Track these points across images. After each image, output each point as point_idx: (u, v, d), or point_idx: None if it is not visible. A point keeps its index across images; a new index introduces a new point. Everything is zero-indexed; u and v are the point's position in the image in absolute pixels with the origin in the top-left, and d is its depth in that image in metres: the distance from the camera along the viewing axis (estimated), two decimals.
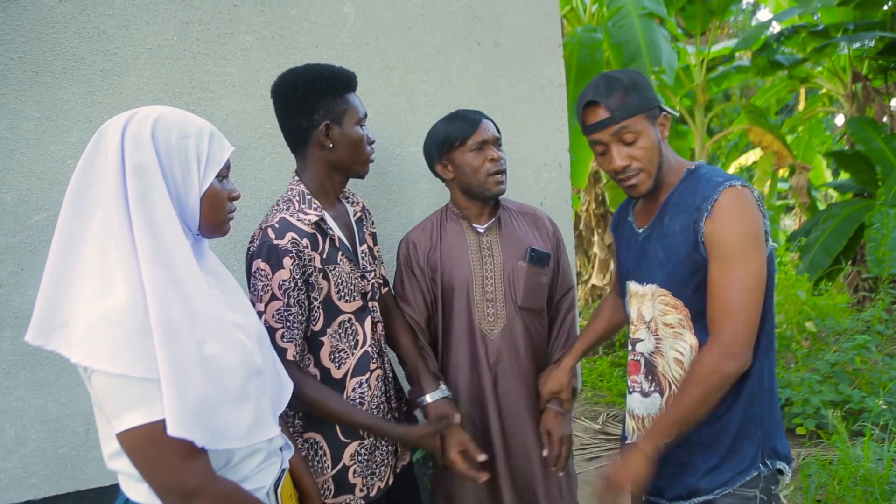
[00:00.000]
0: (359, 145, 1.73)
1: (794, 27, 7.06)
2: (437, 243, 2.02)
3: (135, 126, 1.14)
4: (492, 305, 1.97)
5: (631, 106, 1.52)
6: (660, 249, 1.56)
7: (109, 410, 1.07)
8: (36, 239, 2.06)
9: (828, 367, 4.20)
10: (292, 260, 1.58)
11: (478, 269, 1.98)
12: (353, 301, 1.72)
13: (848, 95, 7.80)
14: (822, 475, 3.23)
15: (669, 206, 1.57)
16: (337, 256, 1.70)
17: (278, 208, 1.68)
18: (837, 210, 6.55)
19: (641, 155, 1.54)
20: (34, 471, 2.11)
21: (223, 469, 1.20)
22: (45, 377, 2.10)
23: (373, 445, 1.74)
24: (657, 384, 1.60)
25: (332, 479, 1.68)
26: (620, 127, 1.53)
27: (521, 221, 2.07)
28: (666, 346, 1.57)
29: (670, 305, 1.55)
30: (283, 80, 1.71)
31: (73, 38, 2.09)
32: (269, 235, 1.59)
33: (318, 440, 1.68)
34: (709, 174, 1.53)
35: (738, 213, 1.44)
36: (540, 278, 2.01)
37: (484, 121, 1.96)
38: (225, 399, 1.15)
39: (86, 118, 2.11)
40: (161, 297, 1.08)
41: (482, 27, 2.74)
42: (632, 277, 1.67)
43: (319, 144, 1.70)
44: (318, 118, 1.68)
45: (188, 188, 1.19)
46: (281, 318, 1.58)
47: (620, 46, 5.19)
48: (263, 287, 1.57)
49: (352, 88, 1.75)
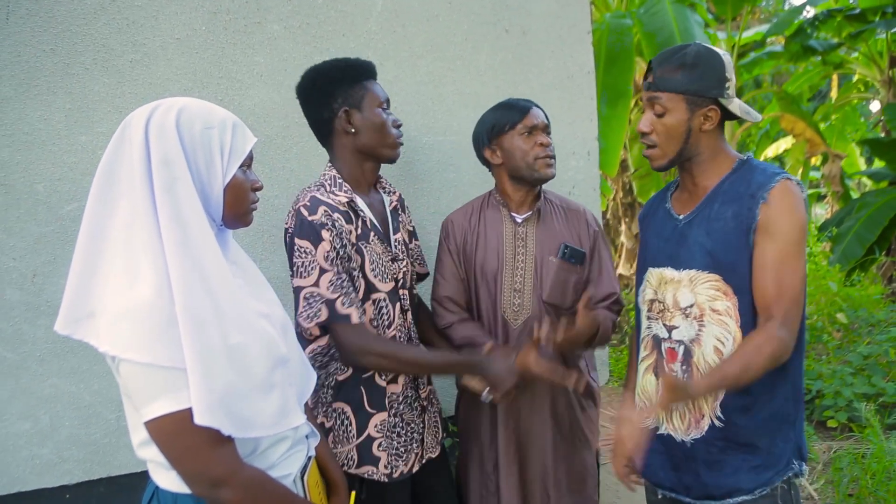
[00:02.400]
0: (382, 128, 1.75)
1: (829, 11, 6.89)
2: (475, 227, 2.03)
3: (159, 117, 1.14)
4: (518, 296, 1.97)
5: (673, 82, 1.51)
6: (704, 234, 1.54)
7: (137, 399, 1.09)
8: (68, 228, 2.09)
9: (860, 359, 4.12)
10: (329, 231, 1.62)
11: (510, 258, 1.98)
12: (386, 282, 1.75)
13: (884, 81, 7.60)
14: (854, 469, 3.17)
15: (720, 194, 1.55)
16: (369, 236, 1.73)
17: (309, 189, 1.72)
18: (871, 199, 6.41)
19: (661, 131, 1.55)
20: (68, 456, 2.14)
21: (250, 457, 1.21)
22: (77, 365, 2.13)
23: (398, 425, 1.76)
24: (688, 375, 1.57)
25: (355, 449, 1.72)
26: (653, 96, 1.55)
27: (562, 216, 2.03)
28: (707, 333, 1.54)
29: (721, 291, 1.52)
30: (303, 79, 1.77)
31: (102, 30, 2.10)
32: (302, 214, 1.63)
33: (346, 409, 1.73)
34: (762, 166, 1.55)
35: (794, 205, 1.46)
36: (570, 276, 1.96)
37: (534, 108, 1.96)
38: (251, 388, 1.16)
39: (116, 109, 2.12)
40: (187, 288, 1.09)
41: (510, 14, 2.70)
42: (665, 264, 1.63)
43: (343, 132, 1.73)
44: (337, 106, 1.72)
45: (212, 179, 1.20)
46: (336, 286, 1.62)
47: (654, 34, 5.10)
48: (310, 263, 1.61)
49: (370, 76, 1.77)
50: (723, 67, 1.51)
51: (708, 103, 1.52)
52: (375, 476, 1.74)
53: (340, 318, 1.61)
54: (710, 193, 1.57)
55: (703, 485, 1.55)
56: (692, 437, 1.56)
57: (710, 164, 1.58)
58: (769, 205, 1.46)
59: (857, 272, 6.60)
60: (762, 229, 1.46)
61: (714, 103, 1.52)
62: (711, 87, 1.51)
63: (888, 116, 6.70)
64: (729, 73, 1.52)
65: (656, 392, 1.64)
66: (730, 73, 1.53)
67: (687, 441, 1.57)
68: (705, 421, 1.54)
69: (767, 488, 1.51)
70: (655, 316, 1.65)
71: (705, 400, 1.54)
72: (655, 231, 1.71)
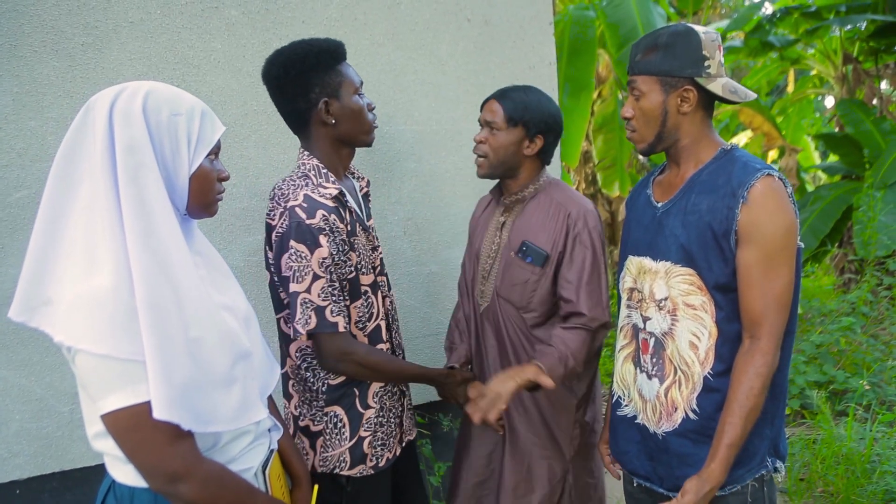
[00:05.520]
0: (360, 115, 1.73)
1: (787, 8, 7.03)
2: (484, 210, 2.10)
3: (124, 102, 1.11)
4: (484, 282, 1.99)
5: (647, 64, 1.51)
6: (679, 226, 1.51)
7: (93, 391, 1.06)
8: (16, 217, 2.02)
9: (813, 348, 4.24)
10: (327, 237, 1.59)
11: (487, 244, 2.00)
12: (367, 274, 1.74)
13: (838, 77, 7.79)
14: (805, 454, 3.28)
15: (697, 184, 1.51)
16: (356, 228, 1.72)
17: (296, 184, 1.66)
18: (825, 192, 6.57)
19: (639, 115, 1.55)
20: (18, 451, 2.09)
21: (210, 451, 1.19)
22: (28, 357, 2.07)
23: (382, 416, 1.77)
24: (660, 369, 1.55)
25: (348, 451, 1.71)
26: (630, 80, 1.55)
27: (546, 212, 1.91)
28: (681, 328, 1.51)
29: (696, 286, 1.48)
30: (271, 65, 1.68)
31: (52, 11, 2.03)
32: (299, 215, 1.58)
33: (339, 413, 1.71)
34: (745, 158, 1.49)
35: (778, 204, 1.40)
36: (523, 274, 1.89)
37: (488, 102, 1.93)
38: (211, 382, 1.14)
39: (67, 93, 2.06)
40: (148, 279, 1.06)
41: (472, 4, 2.69)
42: (643, 252, 1.60)
43: (322, 122, 1.69)
44: (315, 97, 1.66)
45: (177, 167, 1.17)
46: (327, 294, 1.60)
47: (616, 26, 5.14)
48: (304, 267, 1.58)
49: (342, 58, 1.72)
50: (699, 46, 1.47)
51: (683, 83, 1.48)
52: (365, 472, 1.73)
53: (328, 327, 1.59)
54: (688, 182, 1.53)
55: (675, 477, 1.54)
56: (664, 430, 1.55)
57: (692, 149, 1.54)
58: (750, 207, 1.40)
59: (811, 263, 6.78)
60: (744, 236, 1.41)
61: (691, 83, 1.48)
62: (685, 66, 1.47)
63: (841, 112, 6.87)
64: (708, 52, 1.47)
65: (634, 381, 1.63)
66: (709, 52, 1.47)
67: (659, 433, 1.56)
68: (678, 414, 1.52)
69: (738, 485, 1.49)
70: (635, 305, 1.63)
71: (680, 392, 1.52)
72: (636, 218, 1.68)
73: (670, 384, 1.54)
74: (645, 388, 1.60)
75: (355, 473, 1.72)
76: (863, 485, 2.97)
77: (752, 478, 1.50)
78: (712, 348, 1.48)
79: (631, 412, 1.66)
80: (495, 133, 1.88)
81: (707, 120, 1.55)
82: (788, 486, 3.10)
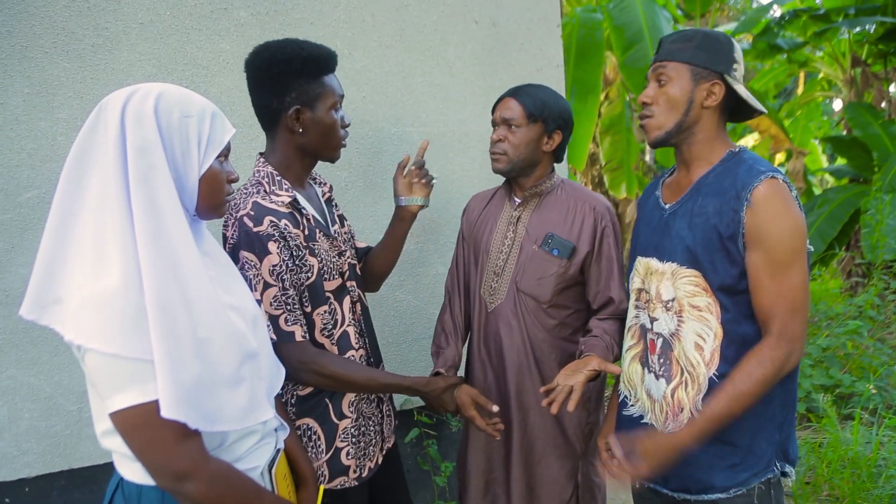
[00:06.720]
0: (331, 131, 1.67)
1: (795, 11, 7.02)
2: (485, 208, 2.07)
3: (136, 103, 1.12)
4: (496, 279, 1.96)
5: (680, 52, 1.51)
6: (685, 227, 1.51)
7: (102, 390, 1.07)
8: (27, 216, 2.04)
9: (819, 351, 4.22)
10: (276, 243, 1.54)
11: (498, 240, 1.98)
12: (332, 280, 1.69)
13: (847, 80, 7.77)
14: (811, 458, 3.26)
15: (705, 186, 1.52)
16: (316, 234, 1.66)
17: (247, 192, 1.61)
18: (833, 195, 6.55)
19: (662, 100, 1.53)
20: (27, 449, 2.10)
21: (217, 450, 1.20)
22: (37, 356, 2.09)
23: (361, 424, 1.73)
24: (667, 369, 1.55)
25: (326, 464, 1.67)
26: (658, 65, 1.54)
27: (566, 206, 1.93)
28: (687, 329, 1.51)
29: (701, 288, 1.49)
30: (256, 56, 1.64)
31: (63, 12, 2.05)
32: (246, 224, 1.54)
33: (312, 425, 1.66)
34: (751, 160, 1.49)
35: (782, 207, 1.41)
36: (549, 267, 1.89)
37: (504, 99, 1.93)
38: (219, 382, 1.14)
39: (77, 94, 2.08)
40: (158, 279, 1.07)
41: (480, 5, 2.70)
42: (651, 254, 1.61)
43: (288, 128, 1.63)
44: (290, 101, 1.61)
45: (187, 169, 1.18)
46: (280, 303, 1.55)
47: (623, 28, 5.14)
48: (255, 276, 1.54)
49: (329, 70, 1.67)
50: (732, 49, 1.51)
51: (713, 77, 1.50)
52: (347, 484, 1.70)
53: (284, 336, 1.55)
54: (696, 184, 1.54)
55: (680, 477, 1.54)
56: (670, 431, 1.54)
57: (703, 147, 1.55)
58: (754, 210, 1.40)
59: (818, 266, 6.76)
60: (751, 239, 1.42)
61: (720, 79, 1.50)
62: (719, 61, 1.50)
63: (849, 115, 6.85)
64: (738, 57, 1.51)
65: (642, 381, 1.63)
66: (738, 58, 1.52)
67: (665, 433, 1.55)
68: (685, 414, 1.52)
69: (743, 488, 1.49)
70: (643, 305, 1.64)
71: (686, 393, 1.52)
72: (645, 219, 1.69)
73: (677, 385, 1.54)
74: (653, 388, 1.60)
75: (335, 486, 1.68)
76: (869, 489, 2.95)
77: (759, 481, 1.50)
78: (717, 350, 1.49)
79: (637, 412, 1.66)
80: (514, 130, 1.88)
81: (722, 122, 1.57)
82: (794, 489, 3.09)
